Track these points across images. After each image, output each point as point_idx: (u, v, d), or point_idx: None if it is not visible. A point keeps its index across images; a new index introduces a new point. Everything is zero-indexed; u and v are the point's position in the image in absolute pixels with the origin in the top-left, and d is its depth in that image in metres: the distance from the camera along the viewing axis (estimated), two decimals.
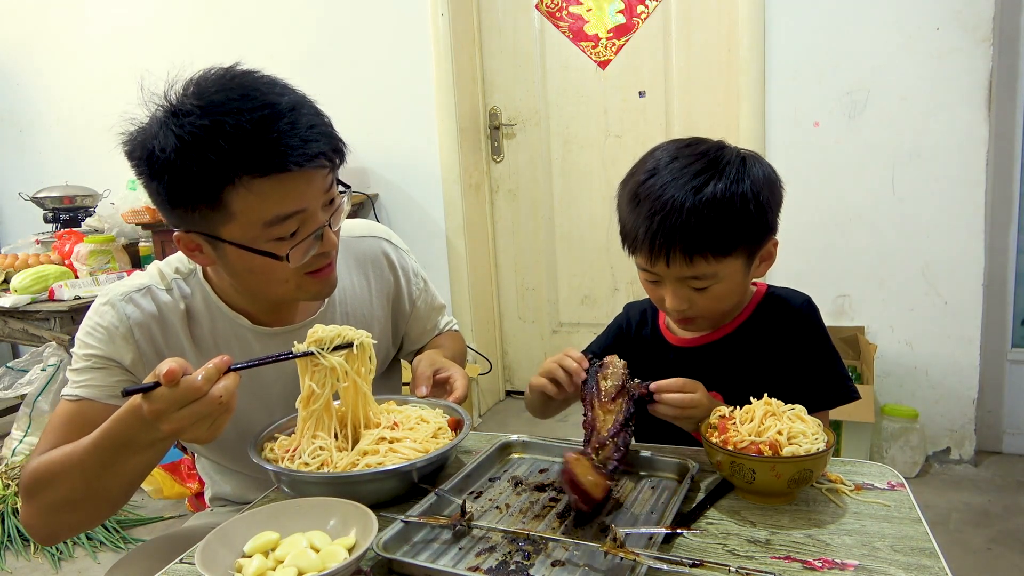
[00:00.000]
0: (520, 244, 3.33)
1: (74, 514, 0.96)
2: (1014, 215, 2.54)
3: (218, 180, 0.89)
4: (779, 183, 1.08)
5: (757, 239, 1.05)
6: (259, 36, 3.22)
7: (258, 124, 0.89)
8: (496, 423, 3.20)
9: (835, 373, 1.13)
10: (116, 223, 2.99)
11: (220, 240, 0.95)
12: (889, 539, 0.80)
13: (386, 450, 0.95)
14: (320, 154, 0.93)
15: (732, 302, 1.11)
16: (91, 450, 0.89)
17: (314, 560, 0.74)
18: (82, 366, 1.04)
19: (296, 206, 0.94)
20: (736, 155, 1.04)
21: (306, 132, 0.91)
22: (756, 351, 1.13)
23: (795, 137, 2.59)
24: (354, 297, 1.22)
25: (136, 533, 2.42)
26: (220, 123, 0.88)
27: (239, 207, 0.92)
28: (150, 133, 0.92)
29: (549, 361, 1.05)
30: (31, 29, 3.63)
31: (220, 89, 0.91)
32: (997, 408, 2.65)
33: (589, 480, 0.85)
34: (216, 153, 0.88)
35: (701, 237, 0.99)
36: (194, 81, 0.94)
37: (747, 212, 1.00)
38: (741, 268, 1.05)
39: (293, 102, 0.93)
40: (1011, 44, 2.44)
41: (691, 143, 1.06)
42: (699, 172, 1.00)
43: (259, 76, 0.96)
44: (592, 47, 3.04)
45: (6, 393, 2.76)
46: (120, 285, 1.09)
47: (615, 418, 0.94)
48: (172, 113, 0.91)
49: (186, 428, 0.81)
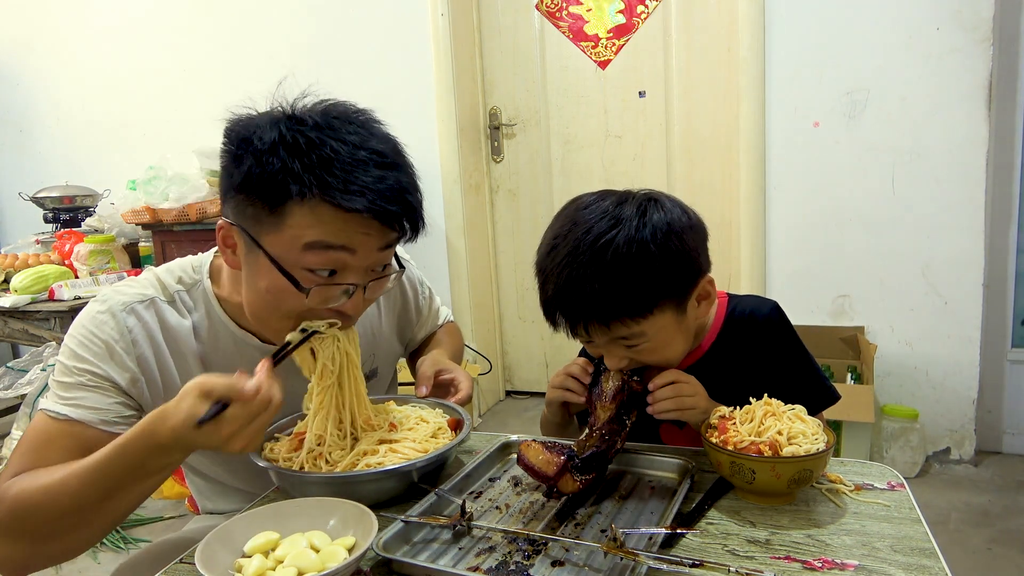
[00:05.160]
0: (520, 244, 3.33)
1: (56, 544, 0.88)
2: (1014, 215, 2.54)
3: (291, 188, 0.87)
4: (695, 222, 1.00)
5: (681, 289, 0.99)
6: (259, 36, 3.22)
7: (356, 160, 0.88)
8: (496, 423, 3.20)
9: (813, 377, 1.12)
10: (116, 223, 3.00)
11: (258, 246, 0.91)
12: (889, 539, 0.79)
13: (386, 450, 0.95)
14: (396, 215, 0.90)
15: (678, 348, 1.04)
16: (90, 477, 0.83)
17: (314, 560, 0.74)
18: (73, 381, 0.95)
19: (344, 242, 0.90)
20: (636, 208, 0.96)
21: (392, 191, 0.90)
22: (731, 369, 1.10)
23: (795, 137, 2.59)
24: (364, 316, 1.16)
25: (136, 533, 2.42)
26: (324, 140, 0.88)
27: (293, 222, 0.89)
28: (258, 122, 0.91)
29: (555, 375, 1.07)
30: (31, 29, 3.63)
31: (344, 118, 0.91)
32: (997, 408, 2.65)
33: (540, 459, 0.91)
34: (304, 163, 0.87)
35: (612, 303, 0.94)
36: (325, 102, 0.94)
37: (655, 268, 0.94)
38: (672, 319, 0.99)
39: (398, 162, 0.93)
40: (1011, 44, 2.44)
41: (593, 201, 0.99)
42: (600, 235, 0.93)
43: (383, 128, 0.96)
44: (592, 47, 3.04)
45: (6, 393, 2.76)
46: (120, 292, 1.01)
47: (609, 414, 0.97)
48: (289, 117, 0.90)
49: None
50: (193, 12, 3.32)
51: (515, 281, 3.39)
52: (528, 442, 0.95)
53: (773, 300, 1.15)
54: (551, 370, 3.40)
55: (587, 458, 0.92)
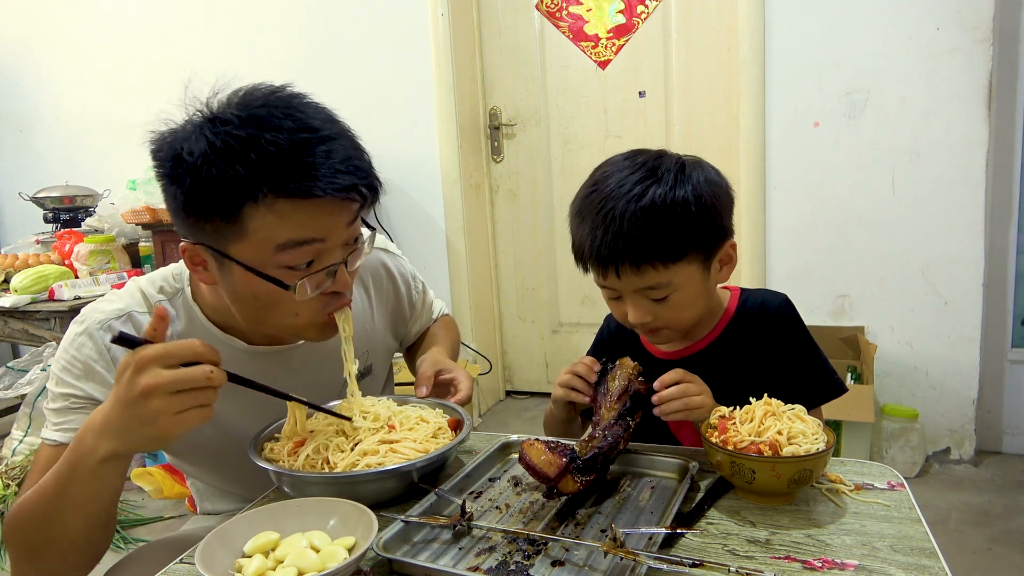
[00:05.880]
0: (520, 244, 3.33)
1: (42, 562, 0.89)
2: (1014, 215, 2.54)
3: (241, 194, 0.85)
4: (725, 186, 1.06)
5: (708, 243, 1.03)
6: (259, 36, 3.22)
7: (295, 144, 0.85)
8: (496, 423, 3.20)
9: (821, 370, 1.14)
10: (116, 223, 3.00)
11: (228, 258, 0.90)
12: (889, 539, 0.79)
13: (386, 450, 0.95)
14: (351, 187, 0.88)
15: (697, 310, 1.09)
16: (47, 483, 0.84)
17: (314, 560, 0.74)
18: (60, 406, 0.97)
19: (314, 234, 0.89)
20: (675, 161, 1.03)
21: (342, 162, 0.87)
22: (740, 358, 1.12)
23: (795, 137, 2.59)
24: (356, 313, 1.17)
25: (136, 533, 2.42)
26: (256, 136, 0.84)
27: (255, 226, 0.87)
28: (182, 135, 0.87)
29: (562, 373, 1.08)
30: (31, 29, 3.64)
31: (265, 104, 0.87)
32: (997, 408, 2.65)
33: (542, 460, 0.90)
34: (245, 165, 0.84)
35: (645, 245, 0.98)
36: (240, 93, 0.90)
37: (689, 216, 0.99)
38: (697, 274, 1.04)
39: (336, 131, 0.90)
40: (1011, 44, 2.44)
41: (631, 155, 1.06)
42: (638, 182, 1.00)
43: (307, 100, 0.91)
44: (592, 47, 3.04)
45: (6, 393, 2.76)
46: (97, 310, 1.01)
47: (613, 414, 0.97)
48: (210, 120, 0.87)
49: (163, 393, 0.75)
50: (193, 12, 3.32)
51: (515, 281, 3.39)
52: (531, 441, 0.95)
53: (784, 294, 1.17)
54: (551, 370, 3.40)
55: (589, 459, 0.91)
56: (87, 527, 0.87)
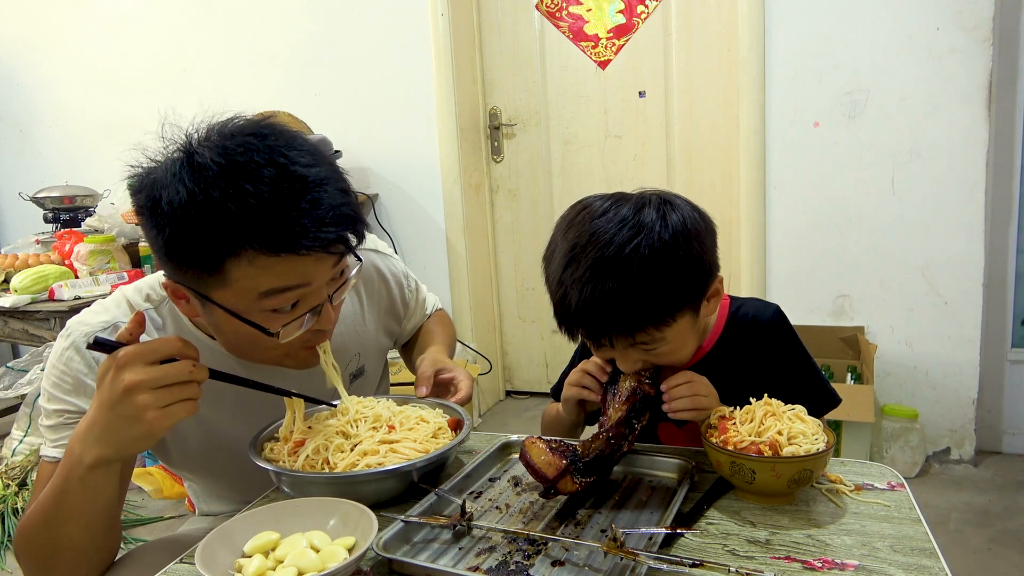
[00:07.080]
0: (520, 244, 3.33)
1: (53, 573, 0.89)
2: (1014, 215, 2.54)
3: (222, 249, 0.82)
4: (706, 223, 1.00)
5: (698, 292, 0.99)
6: (258, 36, 3.22)
7: (277, 197, 0.81)
8: (496, 423, 3.20)
9: (815, 381, 1.12)
10: (116, 223, 2.99)
11: (210, 301, 0.88)
12: (889, 539, 0.79)
13: (386, 450, 0.95)
14: (337, 240, 0.86)
15: (690, 348, 1.06)
16: (46, 496, 0.85)
17: (314, 560, 0.74)
18: (55, 422, 0.96)
19: (299, 280, 0.87)
20: (656, 215, 0.94)
21: (327, 213, 0.83)
22: (733, 370, 1.09)
23: (795, 137, 2.59)
24: (346, 316, 1.17)
25: (136, 533, 2.42)
26: (238, 188, 0.80)
27: (238, 275, 0.84)
28: (161, 180, 0.83)
29: (573, 372, 1.08)
30: (31, 29, 3.63)
31: (245, 148, 0.82)
32: (997, 408, 2.65)
33: (542, 459, 0.90)
34: (226, 221, 0.80)
35: (637, 318, 0.93)
36: (217, 130, 0.85)
37: (678, 277, 0.93)
38: (689, 322, 1.00)
39: (320, 177, 0.84)
40: (1011, 44, 2.44)
41: (606, 211, 0.96)
42: (619, 250, 0.91)
43: (290, 138, 0.87)
44: (592, 47, 3.04)
45: (6, 393, 2.75)
46: (83, 322, 0.99)
47: (620, 415, 0.96)
48: (189, 163, 0.82)
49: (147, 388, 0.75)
50: (193, 12, 3.31)
51: (515, 281, 3.39)
52: (533, 439, 0.94)
53: (775, 304, 1.14)
54: (551, 370, 3.40)
55: (590, 461, 0.91)
56: (89, 535, 0.88)
